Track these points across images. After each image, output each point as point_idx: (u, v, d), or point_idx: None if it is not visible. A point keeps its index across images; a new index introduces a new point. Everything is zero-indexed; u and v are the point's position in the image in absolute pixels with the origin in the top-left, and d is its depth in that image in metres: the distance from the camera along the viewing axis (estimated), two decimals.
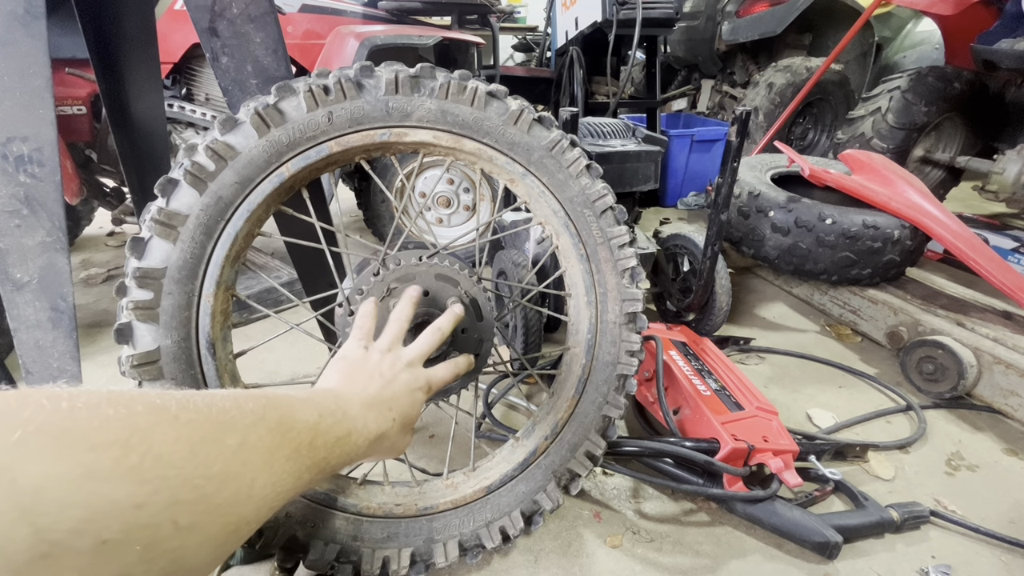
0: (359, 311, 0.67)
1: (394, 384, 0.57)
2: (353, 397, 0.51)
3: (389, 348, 0.61)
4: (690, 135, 2.65)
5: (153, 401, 0.30)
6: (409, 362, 0.61)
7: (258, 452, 0.34)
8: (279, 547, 0.76)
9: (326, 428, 0.42)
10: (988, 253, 1.44)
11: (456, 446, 1.13)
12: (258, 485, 0.33)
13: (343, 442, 0.44)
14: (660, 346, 1.16)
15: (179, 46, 1.71)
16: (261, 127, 0.70)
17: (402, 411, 0.55)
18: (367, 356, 0.59)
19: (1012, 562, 0.91)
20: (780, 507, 0.93)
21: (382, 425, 0.51)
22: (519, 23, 5.62)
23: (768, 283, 1.97)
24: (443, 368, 0.67)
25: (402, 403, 0.56)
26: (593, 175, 0.83)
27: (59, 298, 0.76)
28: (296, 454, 0.37)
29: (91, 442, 0.25)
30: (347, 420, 0.46)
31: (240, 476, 0.32)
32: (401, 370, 0.59)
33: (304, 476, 0.38)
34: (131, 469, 0.26)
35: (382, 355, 0.60)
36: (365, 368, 0.57)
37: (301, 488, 0.39)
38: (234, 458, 0.32)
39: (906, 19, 3.65)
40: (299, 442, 0.38)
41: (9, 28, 0.69)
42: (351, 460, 0.47)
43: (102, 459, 0.25)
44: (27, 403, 0.25)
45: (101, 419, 0.26)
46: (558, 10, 3.01)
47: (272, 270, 1.80)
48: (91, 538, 0.24)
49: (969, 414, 1.30)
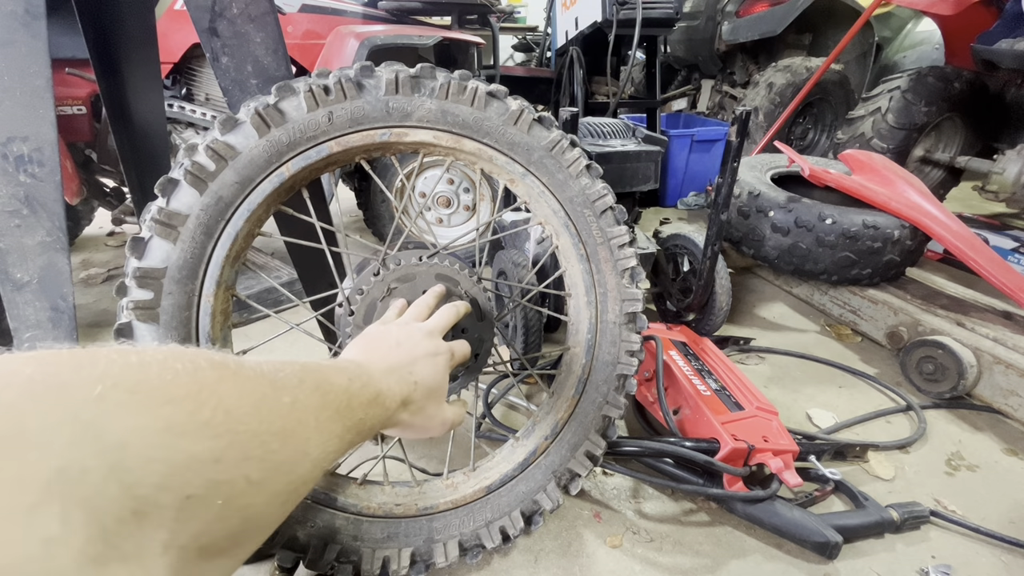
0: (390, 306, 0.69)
1: (413, 352, 0.57)
2: (373, 365, 0.51)
3: (408, 323, 0.62)
4: (690, 135, 2.65)
5: (213, 358, 0.29)
6: (429, 332, 0.61)
7: (308, 411, 0.34)
8: (279, 547, 0.76)
9: (357, 391, 0.43)
10: (988, 253, 1.44)
11: (456, 446, 1.13)
12: (312, 444, 0.34)
13: (375, 404, 0.45)
14: (660, 346, 1.16)
15: (179, 46, 1.71)
16: (261, 127, 0.70)
17: (424, 376, 0.55)
18: (386, 330, 0.60)
19: (1012, 562, 0.91)
20: (780, 507, 0.93)
21: (404, 389, 0.52)
22: (519, 23, 5.62)
23: (768, 283, 1.97)
24: (461, 342, 0.67)
25: (423, 368, 0.56)
26: (593, 175, 0.83)
27: (59, 298, 0.76)
28: (337, 415, 0.38)
29: (167, 396, 0.25)
30: (373, 383, 0.46)
31: (297, 434, 0.32)
32: (420, 340, 0.59)
33: (346, 437, 0.39)
34: (205, 424, 0.25)
35: (400, 328, 0.60)
36: (384, 340, 0.58)
37: (344, 449, 0.40)
38: (290, 416, 0.32)
39: (906, 19, 3.65)
40: (338, 403, 0.39)
41: (9, 28, 0.69)
42: (384, 423, 0.48)
43: (178, 413, 0.25)
44: (98, 359, 0.24)
45: (172, 373, 0.26)
46: (558, 10, 3.01)
47: (272, 270, 1.80)
48: (176, 494, 0.23)
49: (969, 414, 1.30)
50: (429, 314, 0.67)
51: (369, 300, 0.74)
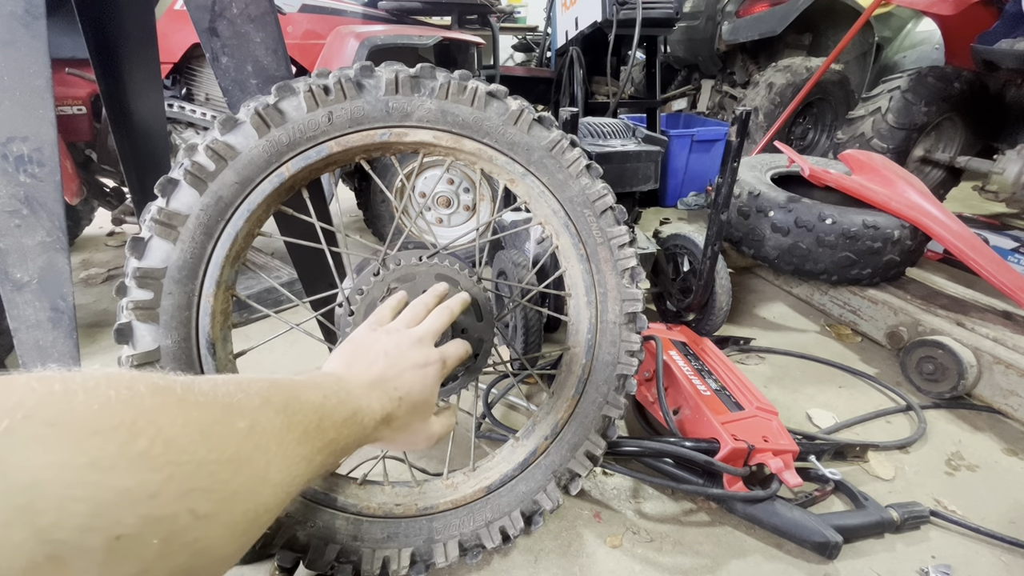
0: (383, 302, 0.66)
1: (400, 363, 0.54)
2: (354, 379, 0.49)
3: (397, 330, 0.59)
4: (690, 135, 2.65)
5: (156, 382, 0.28)
6: (419, 339, 0.57)
7: (269, 435, 0.32)
8: (279, 547, 0.76)
9: (331, 409, 0.41)
10: (988, 253, 1.44)
11: (456, 446, 1.13)
12: (273, 469, 0.32)
13: (350, 422, 0.43)
14: (660, 346, 1.16)
15: (179, 46, 1.71)
16: (261, 127, 0.70)
17: (409, 390, 0.52)
18: (374, 337, 0.57)
19: (1012, 562, 0.91)
20: (780, 507, 0.93)
21: (386, 405, 0.49)
22: (519, 23, 5.62)
23: (768, 283, 1.97)
24: (455, 344, 0.63)
25: (409, 382, 0.53)
26: (593, 175, 0.83)
27: (59, 298, 0.76)
28: (306, 436, 0.36)
29: (93, 426, 0.23)
30: (351, 400, 0.44)
31: (254, 460, 0.30)
32: (408, 349, 0.55)
33: (316, 459, 0.37)
34: (140, 455, 0.24)
35: (388, 336, 0.57)
36: (370, 350, 0.55)
37: (315, 472, 0.37)
38: (246, 441, 0.30)
39: (906, 19, 3.65)
40: (307, 424, 0.37)
41: (9, 28, 0.69)
42: (360, 442, 0.45)
43: (107, 445, 0.23)
44: (13, 388, 0.22)
45: (101, 401, 0.24)
46: (558, 10, 3.01)
47: (272, 270, 1.80)
48: (103, 535, 0.22)
49: (969, 414, 1.30)
50: (426, 314, 0.64)
51: (369, 300, 0.74)
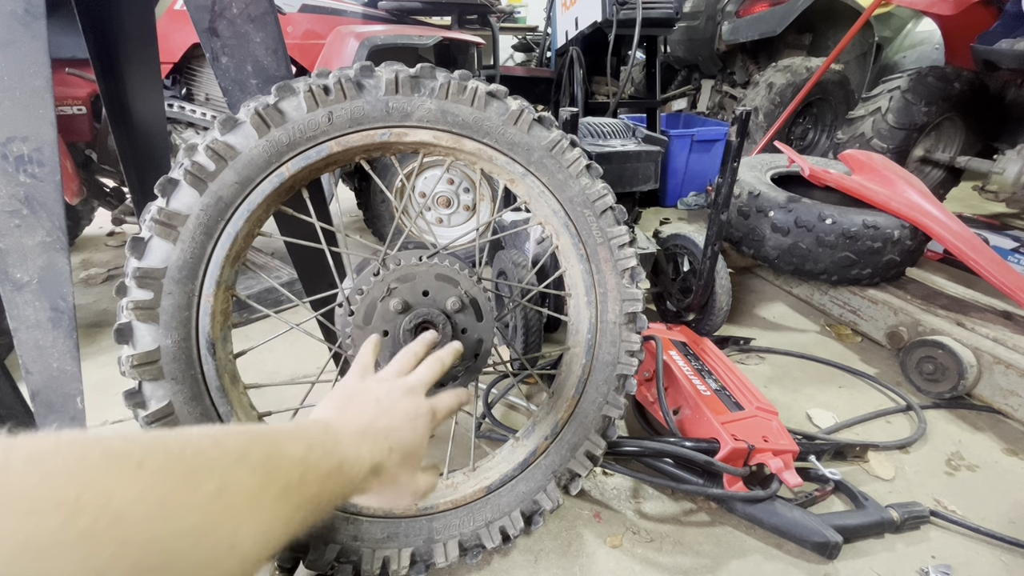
0: (361, 347, 0.65)
1: (391, 413, 0.53)
2: (344, 428, 0.48)
3: (388, 379, 0.59)
4: (690, 135, 2.65)
5: (112, 447, 0.25)
6: (410, 389, 0.57)
7: (240, 496, 0.30)
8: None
9: (316, 461, 0.39)
10: (988, 253, 1.44)
11: (456, 446, 1.13)
12: (243, 534, 0.29)
13: (335, 475, 0.41)
14: (660, 346, 1.16)
15: (179, 46, 1.71)
16: (261, 127, 0.70)
17: (400, 441, 0.51)
18: (364, 386, 0.56)
19: (1012, 562, 0.91)
20: (780, 507, 0.93)
21: (376, 456, 0.47)
22: (519, 23, 5.62)
23: (768, 283, 1.97)
24: (448, 396, 0.62)
25: (400, 433, 0.52)
26: (593, 175, 0.83)
27: (59, 298, 0.76)
28: (285, 493, 0.34)
29: (30, 504, 0.21)
30: (338, 451, 0.43)
31: (220, 527, 0.28)
32: (400, 398, 0.55)
33: (296, 516, 0.35)
34: (82, 534, 0.22)
35: (379, 384, 0.57)
36: (361, 398, 0.54)
37: (293, 531, 0.35)
38: (212, 507, 0.28)
39: (906, 19, 3.64)
40: (288, 479, 0.35)
41: (9, 28, 0.69)
42: (346, 495, 0.44)
43: (44, 523, 0.21)
44: None
45: (43, 473, 0.22)
46: (558, 10, 3.01)
47: (272, 270, 1.80)
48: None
49: (969, 414, 1.30)
50: (416, 363, 0.63)
51: (369, 300, 0.74)
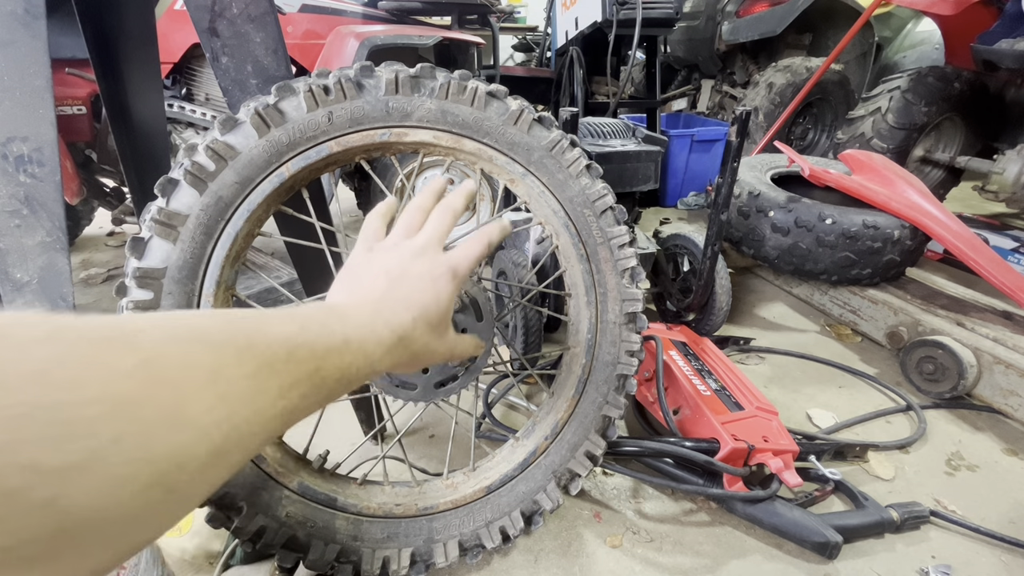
0: (369, 213, 0.58)
1: (405, 279, 0.47)
2: (353, 306, 0.44)
3: (395, 245, 0.52)
4: (690, 135, 2.65)
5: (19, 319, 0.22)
6: (422, 249, 0.50)
7: (181, 370, 0.27)
8: (279, 547, 0.76)
9: (310, 339, 0.35)
10: (988, 253, 1.44)
11: (456, 446, 1.13)
12: (193, 408, 0.26)
13: (340, 351, 0.37)
14: (660, 346, 1.16)
15: (179, 46, 1.71)
16: (261, 127, 0.70)
17: (423, 306, 0.46)
18: (370, 257, 0.51)
19: (1012, 562, 0.91)
20: (780, 507, 0.93)
21: (397, 328, 0.43)
22: (519, 23, 5.62)
23: (768, 283, 1.97)
24: (468, 245, 0.53)
25: (421, 297, 0.47)
26: (593, 175, 0.83)
27: (59, 298, 0.76)
28: (265, 370, 0.31)
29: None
30: (342, 327, 0.39)
31: (149, 399, 0.24)
32: (412, 262, 0.49)
33: (292, 392, 0.32)
34: None
35: (387, 253, 0.50)
36: (368, 271, 0.49)
37: (294, 405, 0.32)
38: (128, 380, 0.24)
39: (906, 19, 3.64)
40: (269, 356, 0.32)
41: (9, 28, 0.69)
42: (364, 370, 0.40)
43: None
44: None
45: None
46: (558, 10, 3.01)
47: (272, 270, 1.80)
48: None
49: (969, 414, 1.30)
50: (424, 219, 0.55)
51: None
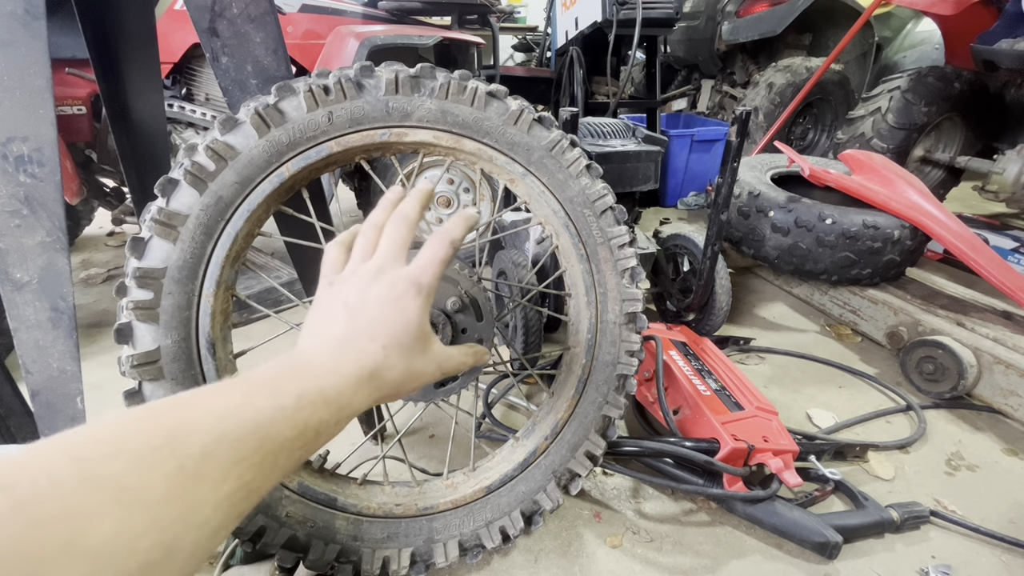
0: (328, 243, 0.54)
1: (366, 307, 0.45)
2: (315, 350, 0.42)
3: (352, 272, 0.48)
4: (690, 135, 2.65)
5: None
6: (378, 269, 0.47)
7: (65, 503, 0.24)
8: (279, 547, 0.76)
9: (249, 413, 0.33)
10: (988, 253, 1.44)
11: (456, 446, 1.13)
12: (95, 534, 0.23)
13: (292, 411, 0.35)
14: (660, 346, 1.16)
15: (179, 46, 1.71)
16: (261, 127, 0.70)
17: (391, 332, 0.44)
18: (332, 292, 0.48)
19: (1012, 562, 0.91)
20: (780, 507, 0.93)
21: (367, 363, 0.41)
22: (519, 23, 5.62)
23: (768, 283, 1.97)
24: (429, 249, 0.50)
25: (386, 323, 0.44)
26: (593, 175, 0.83)
27: (59, 298, 0.76)
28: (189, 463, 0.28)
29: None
30: (295, 384, 0.37)
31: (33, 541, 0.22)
32: (368, 287, 0.46)
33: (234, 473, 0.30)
34: None
35: (345, 282, 0.48)
36: (328, 308, 0.46)
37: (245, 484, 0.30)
38: None
39: (906, 19, 3.64)
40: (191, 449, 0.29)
41: (9, 28, 0.69)
42: (323, 423, 0.37)
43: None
44: None
45: None
46: (558, 10, 3.01)
47: (272, 270, 1.80)
48: None
49: (969, 414, 1.30)
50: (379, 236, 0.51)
51: None
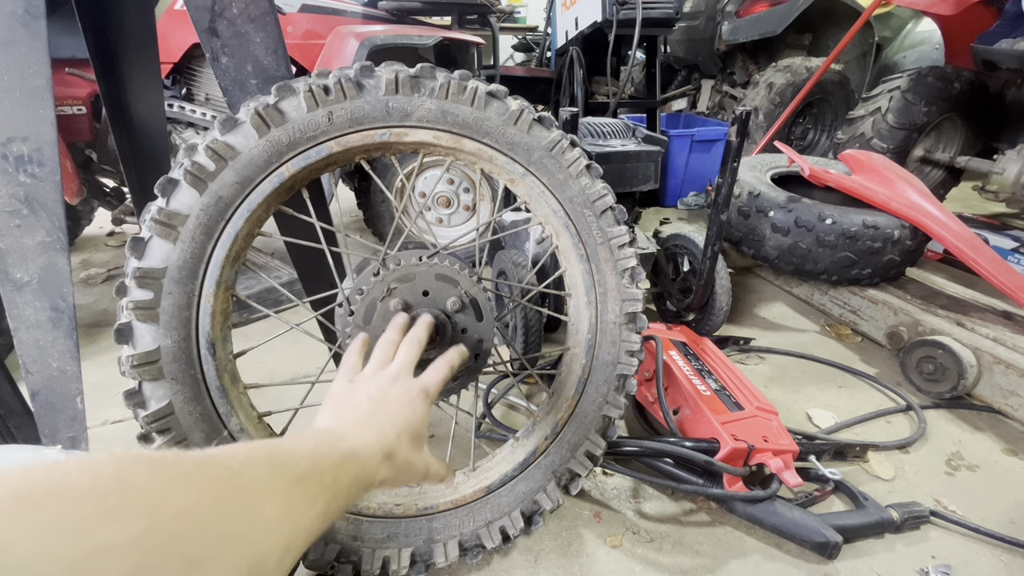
0: (347, 350, 0.66)
1: (386, 401, 0.55)
2: (346, 428, 0.51)
3: (373, 374, 0.60)
4: (690, 135, 2.65)
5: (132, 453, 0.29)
6: (395, 376, 0.59)
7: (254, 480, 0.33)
8: None
9: (324, 453, 0.42)
10: (988, 253, 1.44)
11: (456, 446, 1.13)
12: (267, 509, 0.33)
13: (348, 463, 0.44)
14: (660, 346, 1.16)
15: (179, 46, 1.71)
16: (261, 127, 0.70)
17: (404, 425, 0.54)
18: (353, 388, 0.58)
19: (1012, 562, 0.91)
20: (780, 507, 0.93)
21: (385, 444, 0.50)
22: (519, 23, 5.62)
23: (768, 283, 1.97)
24: (435, 369, 0.64)
25: (400, 417, 0.54)
26: (593, 175, 0.83)
27: (59, 298, 0.76)
28: (300, 480, 0.37)
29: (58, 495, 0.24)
30: (344, 442, 0.45)
31: (241, 501, 0.31)
32: (389, 387, 0.57)
33: (319, 500, 0.38)
34: (113, 509, 0.25)
35: (367, 382, 0.59)
36: (353, 399, 0.56)
37: (321, 514, 0.38)
38: (228, 485, 0.31)
39: (906, 19, 3.64)
40: (298, 469, 0.38)
41: (9, 28, 0.69)
42: (365, 482, 0.46)
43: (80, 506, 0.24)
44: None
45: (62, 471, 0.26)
46: (558, 10, 3.01)
47: (272, 270, 1.80)
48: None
49: (969, 414, 1.30)
50: (395, 351, 0.64)
51: (369, 300, 0.74)
